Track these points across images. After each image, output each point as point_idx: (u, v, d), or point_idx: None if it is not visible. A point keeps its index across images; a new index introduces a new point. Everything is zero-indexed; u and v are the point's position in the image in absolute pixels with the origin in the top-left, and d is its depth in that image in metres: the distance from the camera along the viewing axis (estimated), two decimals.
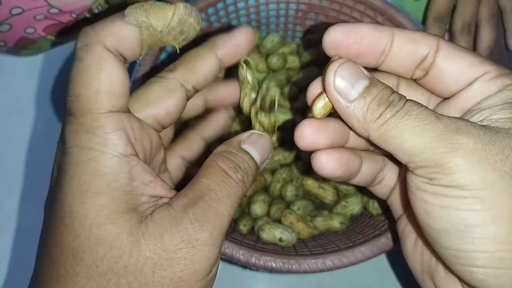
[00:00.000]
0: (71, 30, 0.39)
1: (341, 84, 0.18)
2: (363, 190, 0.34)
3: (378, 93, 0.18)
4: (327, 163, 0.20)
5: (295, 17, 0.40)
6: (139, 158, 0.17)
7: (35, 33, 0.38)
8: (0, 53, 0.41)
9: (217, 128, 0.26)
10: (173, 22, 0.17)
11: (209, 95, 0.24)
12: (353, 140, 0.21)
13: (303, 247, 0.31)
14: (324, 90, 0.19)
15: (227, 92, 0.24)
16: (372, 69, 0.20)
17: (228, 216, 0.17)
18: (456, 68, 0.19)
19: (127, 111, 0.17)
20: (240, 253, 0.27)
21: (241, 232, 0.33)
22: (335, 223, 0.33)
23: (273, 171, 0.36)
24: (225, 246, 0.27)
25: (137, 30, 0.17)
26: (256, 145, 0.20)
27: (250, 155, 0.19)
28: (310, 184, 0.35)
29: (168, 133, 0.22)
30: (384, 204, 0.32)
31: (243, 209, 0.35)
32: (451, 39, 0.42)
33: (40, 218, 0.18)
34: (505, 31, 0.41)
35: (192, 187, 0.17)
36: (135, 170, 0.17)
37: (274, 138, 0.22)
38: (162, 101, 0.19)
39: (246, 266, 0.27)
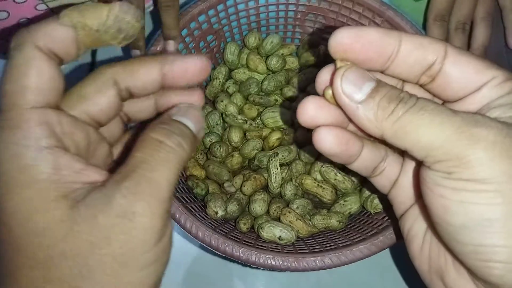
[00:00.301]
0: None
1: (349, 88, 0.18)
2: (364, 186, 0.35)
3: (387, 92, 0.18)
4: (326, 138, 0.20)
5: (294, 18, 0.40)
6: (65, 150, 0.17)
7: None
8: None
9: None
10: (109, 20, 0.18)
11: (160, 99, 0.22)
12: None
13: (302, 245, 0.31)
14: (331, 85, 0.19)
15: (179, 99, 0.22)
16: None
17: (167, 182, 0.17)
18: (463, 74, 0.19)
19: (55, 107, 0.18)
20: (240, 251, 0.28)
21: (241, 231, 0.33)
22: (334, 221, 0.33)
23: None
24: (226, 244, 0.28)
25: (71, 30, 0.17)
26: (186, 115, 0.20)
27: (183, 123, 0.19)
28: (309, 183, 0.36)
29: (114, 129, 0.22)
30: (384, 203, 0.32)
31: (243, 207, 0.35)
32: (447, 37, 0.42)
33: None
34: (505, 29, 0.41)
35: (126, 163, 0.17)
36: (61, 160, 0.17)
37: None
38: (94, 98, 0.19)
39: (246, 264, 0.28)
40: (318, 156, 0.36)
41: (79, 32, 0.17)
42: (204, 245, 0.28)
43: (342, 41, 0.19)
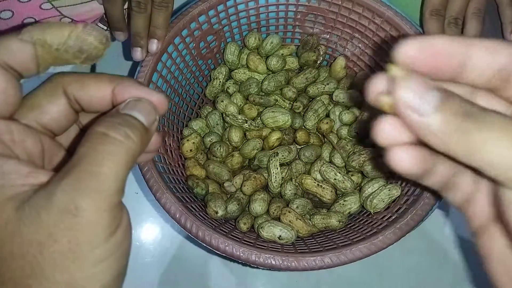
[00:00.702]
0: None
1: (414, 100, 0.17)
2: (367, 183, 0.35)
3: (455, 105, 0.17)
4: (404, 158, 0.19)
5: (294, 19, 0.40)
6: (14, 157, 0.18)
7: None
8: None
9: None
10: (70, 40, 0.18)
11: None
12: None
13: (302, 245, 0.31)
14: (393, 95, 0.18)
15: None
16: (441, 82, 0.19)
17: (114, 175, 0.17)
18: None
19: (6, 117, 0.18)
20: (240, 251, 0.28)
21: (241, 230, 0.33)
22: (334, 221, 0.33)
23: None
24: (226, 244, 0.28)
25: (30, 46, 0.18)
26: (135, 107, 0.19)
27: (132, 115, 0.19)
28: (309, 183, 0.36)
29: (71, 136, 0.22)
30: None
31: (243, 207, 0.35)
32: None
33: None
34: (501, 25, 0.41)
35: (70, 160, 0.17)
36: (7, 166, 0.17)
37: None
38: (44, 107, 0.19)
39: (246, 263, 0.28)
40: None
41: (38, 49, 0.18)
42: (204, 244, 0.28)
43: (409, 54, 0.18)
